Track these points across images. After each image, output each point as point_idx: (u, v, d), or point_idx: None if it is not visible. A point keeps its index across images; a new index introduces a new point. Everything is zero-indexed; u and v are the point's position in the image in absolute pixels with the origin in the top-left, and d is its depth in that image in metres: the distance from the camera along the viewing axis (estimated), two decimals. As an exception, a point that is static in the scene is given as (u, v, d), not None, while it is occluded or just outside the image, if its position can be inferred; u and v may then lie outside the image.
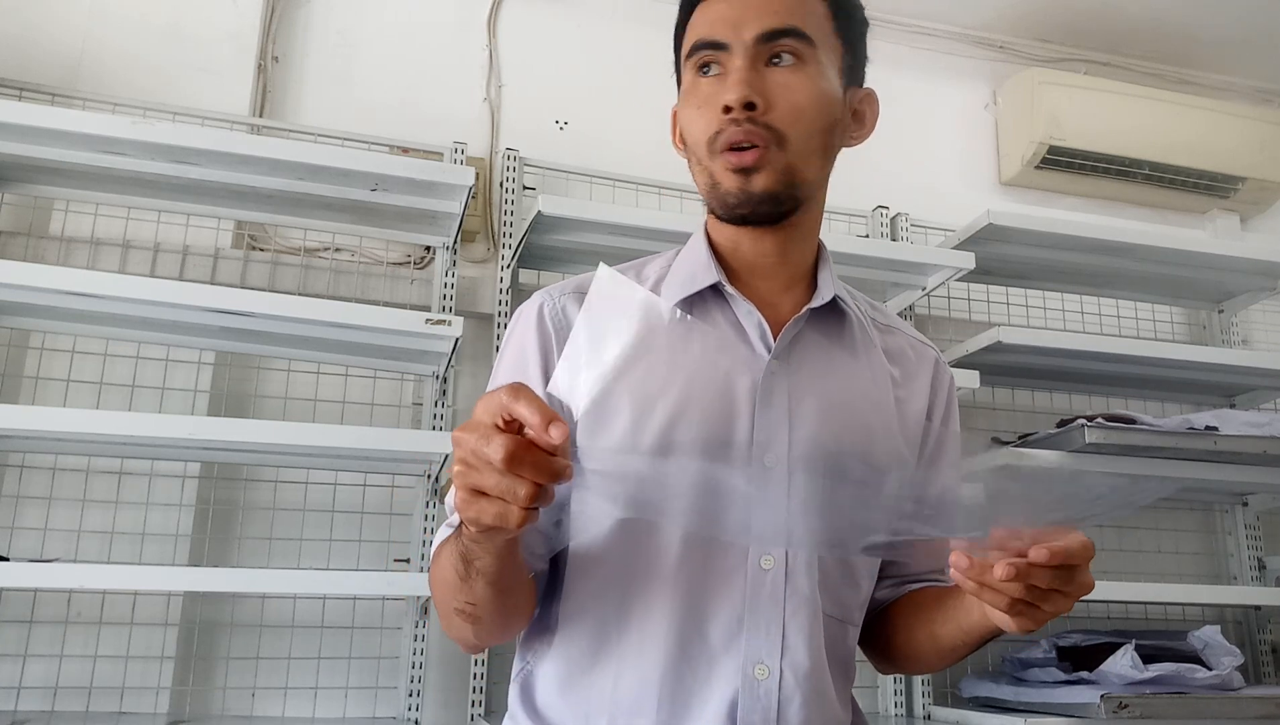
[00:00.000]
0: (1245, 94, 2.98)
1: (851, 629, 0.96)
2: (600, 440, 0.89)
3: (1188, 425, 2.13)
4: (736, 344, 0.93)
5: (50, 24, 2.19)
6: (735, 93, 0.87)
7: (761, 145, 0.88)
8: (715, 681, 0.86)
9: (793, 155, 0.89)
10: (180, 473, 1.99)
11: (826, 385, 0.93)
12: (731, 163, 0.88)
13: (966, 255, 2.21)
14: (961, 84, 2.83)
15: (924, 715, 2.21)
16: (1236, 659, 2.01)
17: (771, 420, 0.89)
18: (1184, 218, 2.91)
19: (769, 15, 0.89)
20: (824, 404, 0.92)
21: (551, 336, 0.93)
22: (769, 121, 0.88)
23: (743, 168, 0.88)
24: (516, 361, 0.94)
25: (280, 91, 2.33)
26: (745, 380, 0.90)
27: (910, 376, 1.01)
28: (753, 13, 0.90)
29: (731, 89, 0.87)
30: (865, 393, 0.95)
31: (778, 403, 0.90)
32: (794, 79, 0.89)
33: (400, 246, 2.27)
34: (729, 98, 0.87)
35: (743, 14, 0.90)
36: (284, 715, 1.96)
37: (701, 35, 0.92)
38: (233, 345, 2.00)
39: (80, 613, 1.89)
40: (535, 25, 2.53)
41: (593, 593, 0.89)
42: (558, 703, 0.90)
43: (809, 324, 0.95)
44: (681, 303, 0.93)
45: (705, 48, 0.91)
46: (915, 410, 1.00)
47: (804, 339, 0.95)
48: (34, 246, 2.04)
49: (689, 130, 0.93)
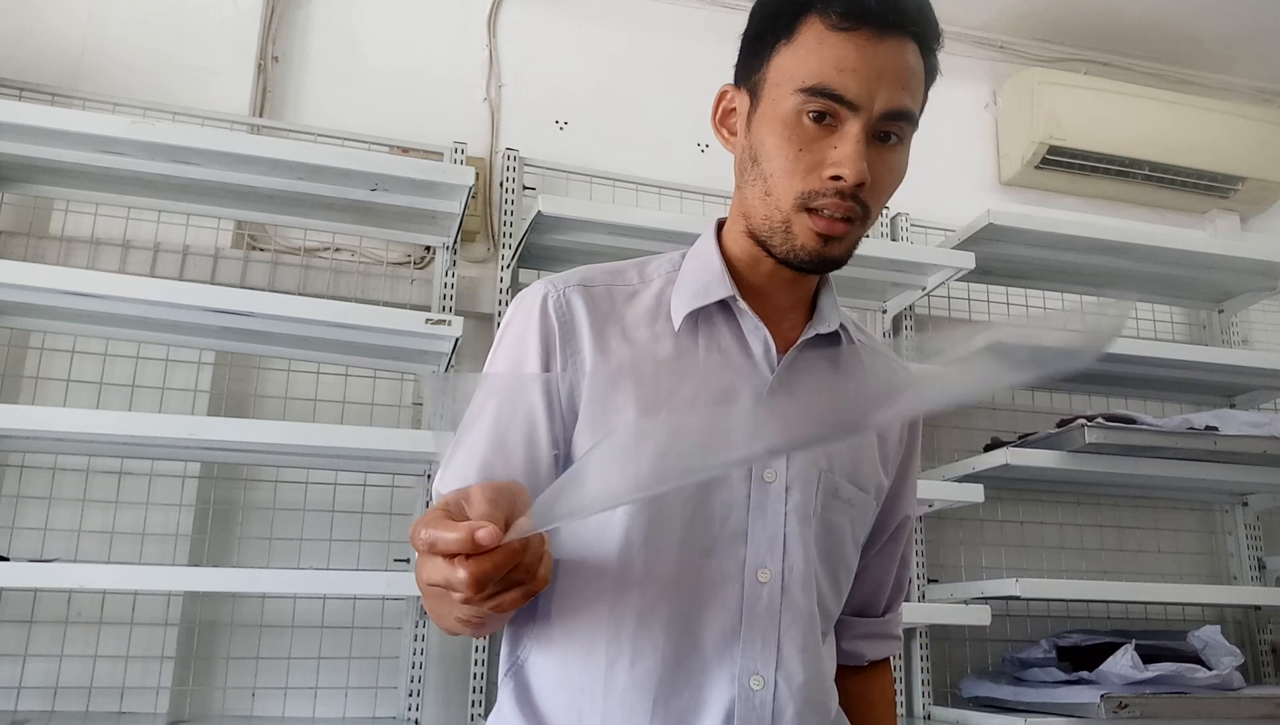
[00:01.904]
0: (1245, 94, 2.98)
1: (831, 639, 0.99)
2: None
3: (1188, 425, 2.13)
4: (741, 360, 0.94)
5: (50, 24, 2.19)
6: (855, 171, 0.85)
7: (854, 221, 0.88)
8: (710, 691, 0.87)
9: (868, 227, 0.91)
10: (180, 473, 1.99)
11: None
12: (822, 228, 0.88)
13: (966, 255, 2.21)
14: (961, 84, 2.83)
15: (924, 715, 2.21)
16: (1236, 659, 2.01)
17: None
18: (1184, 218, 2.91)
19: (899, 90, 0.87)
20: None
21: (555, 329, 0.92)
22: (865, 199, 0.87)
23: (830, 236, 0.88)
24: (515, 350, 0.94)
25: (280, 91, 2.33)
26: (747, 395, 0.92)
27: None
28: (887, 81, 0.86)
29: (852, 164, 0.85)
30: None
31: None
32: (896, 161, 0.90)
33: (400, 246, 2.27)
34: (847, 172, 0.85)
35: (877, 78, 0.86)
36: (284, 715, 1.96)
37: (830, 82, 0.86)
38: (233, 345, 2.00)
39: (80, 613, 1.89)
40: (535, 25, 2.53)
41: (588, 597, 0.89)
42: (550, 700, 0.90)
43: (810, 345, 0.96)
44: (691, 313, 0.94)
45: (830, 97, 0.86)
46: (892, 433, 1.02)
47: (804, 361, 0.96)
48: (34, 246, 2.04)
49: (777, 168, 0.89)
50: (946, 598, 2.23)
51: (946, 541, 2.41)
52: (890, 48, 0.87)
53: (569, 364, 0.91)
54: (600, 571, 0.89)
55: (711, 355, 0.93)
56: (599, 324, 0.93)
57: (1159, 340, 2.71)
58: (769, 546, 0.89)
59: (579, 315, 0.93)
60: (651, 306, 0.95)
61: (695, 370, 0.92)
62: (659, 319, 0.94)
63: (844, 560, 0.95)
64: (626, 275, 0.98)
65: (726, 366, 0.93)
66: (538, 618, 0.92)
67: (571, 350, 0.92)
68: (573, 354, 0.92)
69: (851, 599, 1.04)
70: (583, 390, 0.90)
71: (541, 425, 0.90)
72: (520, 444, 0.90)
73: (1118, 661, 1.93)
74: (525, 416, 0.91)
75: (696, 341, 0.94)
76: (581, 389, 0.90)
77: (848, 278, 2.25)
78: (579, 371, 0.91)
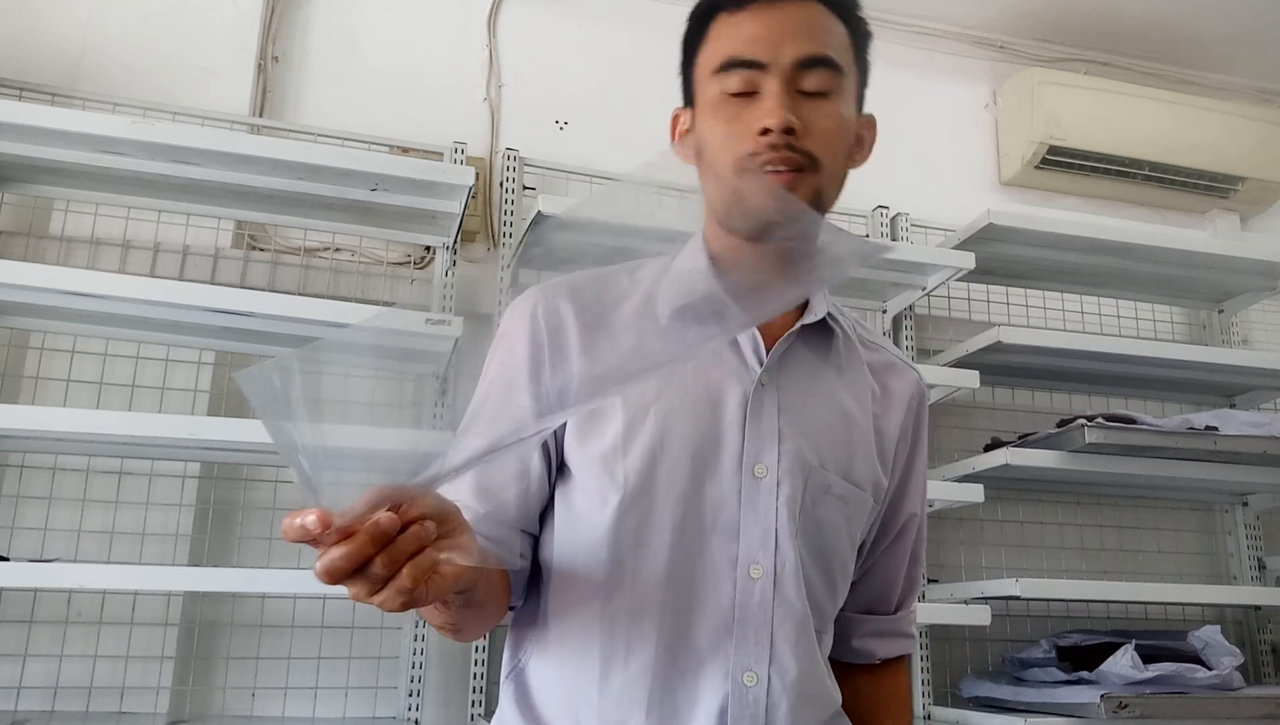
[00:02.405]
0: (1245, 94, 2.98)
1: (826, 637, 0.98)
2: (592, 444, 0.90)
3: (1188, 425, 2.13)
4: (728, 355, 0.94)
5: (50, 24, 2.19)
6: (777, 117, 0.86)
7: (797, 169, 0.88)
8: (703, 688, 0.87)
9: (822, 180, 0.90)
10: (180, 473, 1.99)
11: (812, 402, 0.95)
12: None
13: (966, 255, 2.21)
14: (961, 84, 2.83)
15: (924, 715, 2.21)
16: (1236, 659, 2.01)
17: (762, 432, 0.91)
18: (1184, 218, 2.91)
19: (806, 41, 0.89)
20: (809, 420, 0.93)
21: (544, 338, 0.93)
22: (805, 147, 0.88)
23: None
24: (506, 362, 0.94)
25: (280, 91, 2.33)
26: (736, 392, 0.92)
27: (890, 394, 1.03)
28: (790, 36, 0.89)
29: (772, 113, 0.86)
30: (848, 411, 0.97)
31: (768, 416, 0.92)
32: (827, 107, 0.90)
33: (400, 246, 2.27)
34: (770, 121, 0.86)
35: (780, 36, 0.89)
36: (284, 715, 1.96)
37: (736, 52, 0.90)
38: (233, 345, 2.00)
39: (80, 613, 1.89)
40: (535, 25, 2.53)
41: (582, 595, 0.90)
42: (548, 701, 0.90)
43: (799, 339, 0.96)
44: (678, 311, 0.93)
45: (739, 65, 0.89)
46: (891, 430, 1.02)
47: (793, 354, 0.96)
48: (34, 246, 2.04)
49: (714, 147, 0.91)
50: (946, 598, 2.23)
51: (946, 541, 2.41)
52: (789, 9, 0.90)
53: (558, 371, 0.91)
54: (592, 572, 0.89)
55: None
56: (588, 330, 0.93)
57: (1159, 340, 2.71)
58: (761, 542, 0.89)
59: (568, 322, 0.93)
60: (640, 308, 0.96)
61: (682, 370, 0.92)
62: (647, 319, 0.95)
63: (839, 557, 0.95)
64: (617, 279, 0.99)
65: (716, 364, 0.93)
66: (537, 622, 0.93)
67: (560, 358, 0.92)
68: (562, 362, 0.92)
69: (861, 596, 1.04)
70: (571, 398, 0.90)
71: None
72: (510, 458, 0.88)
73: (1118, 661, 1.93)
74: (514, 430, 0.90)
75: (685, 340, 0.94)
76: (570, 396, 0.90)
77: (848, 278, 2.25)
78: (568, 379, 0.91)
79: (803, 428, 0.92)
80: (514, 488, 0.91)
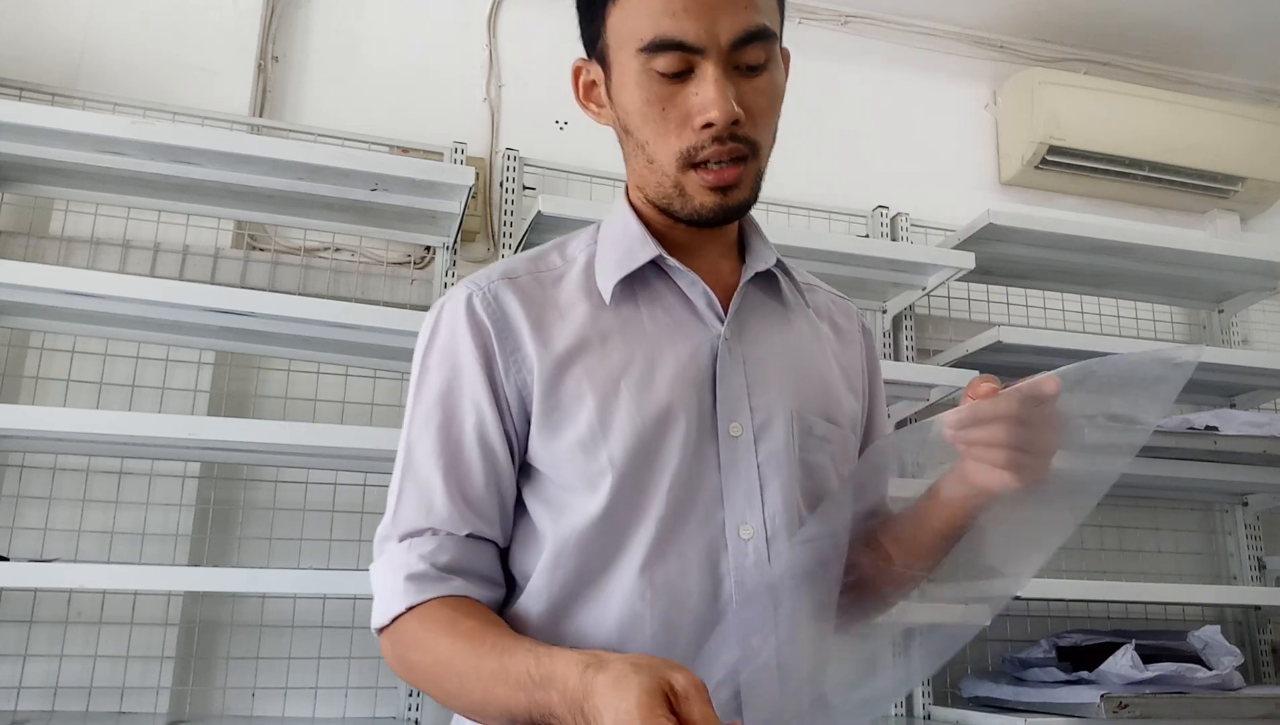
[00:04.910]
0: (1245, 94, 2.98)
1: None
2: (565, 434, 0.86)
3: (1188, 425, 2.13)
4: (686, 317, 0.92)
5: (50, 24, 2.19)
6: (721, 110, 0.81)
7: (741, 159, 0.85)
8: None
9: (762, 161, 0.88)
10: (180, 473, 1.99)
11: (778, 349, 0.93)
12: (713, 181, 0.86)
13: (966, 255, 2.21)
14: (961, 84, 2.83)
15: (924, 715, 2.21)
16: (1236, 659, 2.01)
17: (732, 389, 0.89)
18: (1184, 218, 2.91)
19: (742, 10, 0.82)
20: (779, 367, 0.92)
21: (489, 330, 0.88)
22: (747, 135, 0.85)
23: (723, 186, 0.86)
24: (447, 364, 0.89)
25: (280, 91, 2.33)
26: (703, 352, 0.90)
27: (841, 332, 1.03)
28: (724, 6, 0.82)
29: (715, 104, 0.81)
30: (814, 353, 0.96)
31: (735, 371, 0.90)
32: (765, 84, 0.86)
33: (400, 246, 2.27)
34: (713, 115, 0.82)
35: (712, 7, 0.82)
36: (284, 715, 1.96)
37: (667, 33, 0.82)
38: (233, 345, 2.00)
39: (80, 613, 1.89)
40: (535, 25, 2.53)
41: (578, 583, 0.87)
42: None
43: (751, 288, 0.95)
44: (623, 281, 0.91)
45: (671, 47, 0.82)
46: (853, 364, 1.01)
47: (749, 305, 0.94)
48: (34, 246, 2.04)
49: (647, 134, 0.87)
50: (946, 598, 2.23)
51: (946, 541, 2.41)
52: None
53: (511, 364, 0.88)
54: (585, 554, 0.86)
55: (657, 319, 0.91)
56: (535, 314, 0.89)
57: (1159, 340, 2.71)
58: (746, 502, 0.87)
59: (511, 310, 0.89)
60: (582, 284, 0.93)
61: (644, 337, 0.89)
62: (592, 295, 0.92)
63: None
64: (548, 259, 0.96)
65: (676, 327, 0.91)
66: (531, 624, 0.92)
67: (511, 348, 0.88)
68: (513, 351, 0.88)
69: None
70: (532, 388, 0.87)
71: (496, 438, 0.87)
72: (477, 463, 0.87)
73: (1118, 661, 1.93)
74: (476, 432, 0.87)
75: (638, 309, 0.91)
76: (531, 387, 0.87)
77: (848, 278, 2.25)
78: (525, 369, 0.88)
79: (774, 377, 0.91)
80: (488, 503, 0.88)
